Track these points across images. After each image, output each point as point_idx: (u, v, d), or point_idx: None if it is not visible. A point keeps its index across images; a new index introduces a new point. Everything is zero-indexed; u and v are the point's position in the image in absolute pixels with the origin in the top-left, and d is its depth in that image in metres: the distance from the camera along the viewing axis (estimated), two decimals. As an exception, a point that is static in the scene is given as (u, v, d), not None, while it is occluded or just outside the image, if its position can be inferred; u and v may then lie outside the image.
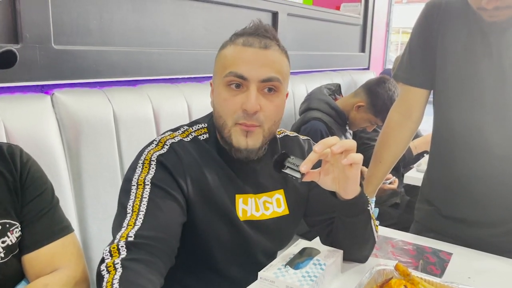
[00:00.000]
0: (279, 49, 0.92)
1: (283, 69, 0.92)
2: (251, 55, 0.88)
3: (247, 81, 0.87)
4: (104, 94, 1.33)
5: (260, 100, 0.88)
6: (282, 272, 0.86)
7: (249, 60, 0.87)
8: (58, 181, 1.17)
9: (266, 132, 0.91)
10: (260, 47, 0.88)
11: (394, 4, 3.92)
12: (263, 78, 0.87)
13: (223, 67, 0.90)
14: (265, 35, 0.90)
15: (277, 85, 0.90)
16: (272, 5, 2.15)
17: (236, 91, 0.88)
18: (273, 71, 0.89)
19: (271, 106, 0.89)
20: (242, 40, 0.90)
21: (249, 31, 0.92)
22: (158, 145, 0.91)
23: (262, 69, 0.88)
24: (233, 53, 0.89)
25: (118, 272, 0.69)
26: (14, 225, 0.84)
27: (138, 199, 0.82)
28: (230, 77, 0.87)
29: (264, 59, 0.88)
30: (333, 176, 0.86)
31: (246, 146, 0.89)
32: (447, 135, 1.23)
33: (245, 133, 0.89)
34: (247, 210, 0.95)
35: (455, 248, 1.13)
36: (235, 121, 0.88)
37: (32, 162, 0.90)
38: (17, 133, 1.09)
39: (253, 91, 0.87)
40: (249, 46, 0.88)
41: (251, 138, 0.89)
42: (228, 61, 0.89)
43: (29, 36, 1.18)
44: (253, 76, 0.87)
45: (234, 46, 0.90)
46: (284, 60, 0.93)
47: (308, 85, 2.37)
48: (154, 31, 1.57)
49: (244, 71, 0.87)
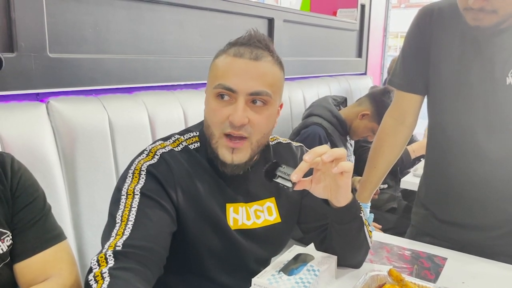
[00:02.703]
0: (271, 60, 0.90)
1: (274, 82, 0.90)
2: (241, 66, 0.87)
3: (235, 93, 0.86)
4: (99, 101, 1.33)
5: (248, 112, 0.87)
6: (276, 278, 0.86)
7: (238, 72, 0.87)
8: (54, 188, 1.17)
9: (254, 145, 0.90)
10: (250, 59, 0.87)
11: (392, 9, 3.95)
12: (251, 92, 0.86)
13: (214, 77, 0.89)
14: (258, 45, 0.89)
15: (266, 99, 0.88)
16: (268, 12, 2.17)
17: (224, 102, 0.88)
18: (263, 84, 0.87)
19: (260, 118, 0.88)
20: (234, 51, 0.89)
21: (242, 41, 0.90)
22: (149, 155, 0.91)
23: (251, 82, 0.86)
24: (224, 64, 0.89)
25: (106, 281, 0.69)
26: (5, 233, 0.84)
27: (127, 208, 0.82)
28: (219, 89, 0.87)
29: (254, 71, 0.87)
30: (324, 184, 0.87)
31: (231, 162, 0.89)
32: (441, 140, 1.23)
33: (231, 149, 0.88)
34: (238, 219, 0.94)
35: (450, 253, 1.13)
36: (223, 131, 0.88)
37: (23, 170, 0.89)
38: (12, 141, 1.09)
39: (241, 103, 0.86)
40: (240, 57, 0.87)
41: (237, 155, 0.88)
42: (219, 71, 0.89)
43: (24, 44, 1.19)
44: (241, 89, 0.86)
45: (226, 56, 0.89)
46: (276, 72, 0.91)
47: (304, 91, 2.38)
48: (150, 38, 1.57)
49: (233, 83, 0.86)
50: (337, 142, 1.99)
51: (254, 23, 2.09)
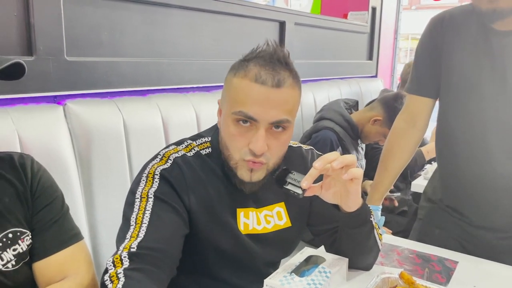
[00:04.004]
0: (292, 83, 0.87)
1: (294, 107, 0.90)
2: (262, 94, 0.84)
3: (256, 122, 0.86)
4: (114, 104, 1.36)
5: (268, 139, 0.86)
6: (287, 279, 0.88)
7: (259, 101, 0.84)
8: (70, 189, 1.20)
9: (270, 167, 0.91)
10: (272, 86, 0.84)
11: (402, 11, 3.93)
12: (273, 121, 0.86)
13: (233, 101, 0.87)
14: (279, 68, 0.86)
15: (286, 125, 0.88)
16: (280, 15, 2.18)
17: (244, 128, 0.87)
18: (284, 113, 0.86)
19: (278, 144, 0.89)
20: (254, 73, 0.85)
21: (262, 61, 0.86)
22: (162, 159, 0.93)
23: (273, 111, 0.85)
24: (244, 89, 0.86)
25: (121, 282, 0.72)
26: (25, 233, 0.87)
27: (141, 211, 0.84)
28: (239, 116, 0.86)
29: (275, 100, 0.85)
30: (334, 190, 0.87)
31: (249, 180, 0.90)
32: (450, 142, 1.25)
33: (250, 169, 0.89)
34: (248, 224, 0.96)
35: (461, 256, 1.14)
36: (242, 157, 0.88)
37: (43, 171, 0.92)
38: (30, 142, 1.12)
39: (262, 132, 0.85)
40: (261, 83, 0.84)
41: (255, 174, 0.90)
42: (239, 96, 0.86)
43: (42, 48, 1.22)
44: (263, 119, 0.85)
45: (246, 79, 0.86)
46: (296, 96, 0.90)
47: (315, 94, 2.39)
48: (164, 42, 1.60)
49: (254, 112, 0.85)
50: (349, 147, 1.99)
51: (265, 26, 2.11)
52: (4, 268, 0.83)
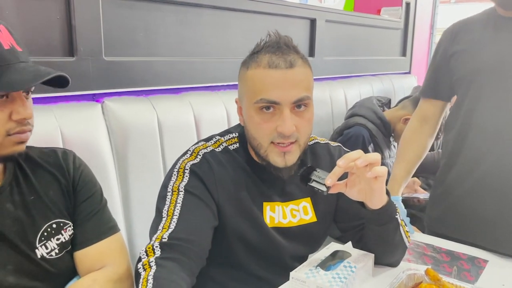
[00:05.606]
0: (302, 62, 0.91)
1: (309, 83, 0.93)
2: (279, 77, 0.87)
3: (279, 105, 0.88)
4: (149, 101, 1.42)
5: (294, 119, 0.89)
6: (313, 273, 0.90)
7: (277, 84, 0.87)
8: (107, 183, 1.26)
9: (302, 146, 0.93)
10: (286, 67, 0.88)
11: (439, 5, 3.83)
12: (294, 100, 0.89)
13: (252, 92, 0.90)
14: (288, 51, 0.90)
15: (307, 102, 0.91)
16: (310, 13, 2.18)
17: (268, 114, 0.89)
18: (302, 90, 0.89)
19: (304, 122, 0.91)
20: (266, 61, 0.89)
21: (271, 49, 0.90)
22: (192, 155, 0.97)
23: (292, 90, 0.88)
24: (260, 77, 0.89)
25: (153, 269, 0.77)
26: (68, 224, 0.93)
27: (172, 204, 0.89)
28: (262, 103, 0.88)
29: (292, 80, 0.88)
30: (359, 188, 0.89)
31: (284, 165, 0.92)
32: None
33: (282, 153, 0.91)
34: (274, 217, 0.99)
35: (492, 256, 1.13)
36: (271, 140, 0.91)
37: (83, 166, 0.98)
38: (71, 138, 1.19)
39: (287, 114, 0.88)
40: (275, 68, 0.88)
41: (289, 157, 0.92)
42: (257, 86, 0.89)
43: (83, 49, 1.28)
44: (284, 100, 0.88)
45: (259, 68, 0.89)
46: (309, 73, 0.93)
47: (346, 91, 2.38)
48: (196, 41, 1.64)
49: (275, 96, 0.87)
50: (381, 144, 1.98)
51: (296, 24, 2.12)
52: (49, 256, 0.89)
